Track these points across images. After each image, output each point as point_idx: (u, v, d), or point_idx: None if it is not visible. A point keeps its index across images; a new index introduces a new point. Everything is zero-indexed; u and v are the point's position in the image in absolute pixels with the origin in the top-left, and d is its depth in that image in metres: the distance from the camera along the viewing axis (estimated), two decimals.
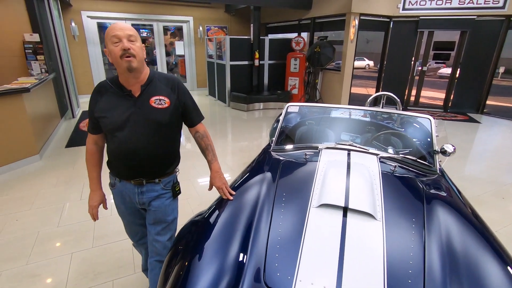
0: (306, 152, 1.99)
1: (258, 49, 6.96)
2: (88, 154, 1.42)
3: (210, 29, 8.96)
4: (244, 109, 6.75)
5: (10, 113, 3.36)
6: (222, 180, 1.51)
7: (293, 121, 2.82)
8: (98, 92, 1.32)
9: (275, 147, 2.28)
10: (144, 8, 8.06)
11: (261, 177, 1.86)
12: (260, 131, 5.27)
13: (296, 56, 7.12)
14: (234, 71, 7.02)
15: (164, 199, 1.45)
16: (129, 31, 1.20)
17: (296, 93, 7.31)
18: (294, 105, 2.54)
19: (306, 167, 1.88)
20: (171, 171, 1.46)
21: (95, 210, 1.47)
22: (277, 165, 1.96)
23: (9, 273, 1.96)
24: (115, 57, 1.19)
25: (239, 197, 1.62)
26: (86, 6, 7.43)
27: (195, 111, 1.47)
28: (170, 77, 1.40)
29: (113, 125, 1.28)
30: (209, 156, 1.51)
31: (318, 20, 7.10)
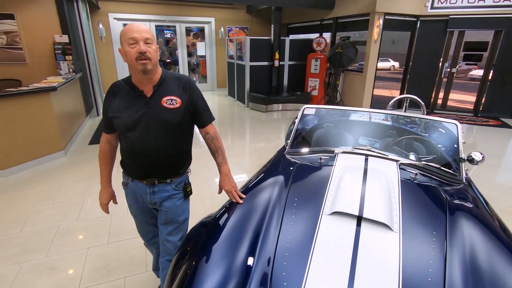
0: (321, 156, 1.92)
1: (278, 50, 6.91)
2: (101, 153, 1.45)
3: (231, 30, 9.01)
4: (263, 110, 6.72)
5: (38, 111, 3.53)
6: (231, 184, 1.49)
7: (310, 123, 2.75)
8: (111, 92, 1.34)
9: (290, 150, 2.23)
10: (168, 10, 8.24)
11: (273, 180, 1.82)
12: (278, 132, 5.22)
13: (317, 57, 7.00)
14: (253, 72, 7.01)
15: (176, 199, 1.44)
16: (146, 34, 1.21)
17: (316, 95, 7.18)
18: (311, 107, 2.47)
19: (321, 171, 1.82)
20: (182, 172, 1.45)
21: (105, 207, 1.50)
22: (291, 169, 1.91)
23: (29, 265, 2.04)
24: (130, 58, 1.20)
25: (249, 200, 1.59)
26: (113, 8, 7.70)
27: (206, 112, 1.45)
28: (181, 77, 1.39)
29: (125, 125, 1.29)
30: (218, 159, 1.49)
31: (341, 20, 6.94)
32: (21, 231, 2.40)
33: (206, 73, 9.47)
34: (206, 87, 9.54)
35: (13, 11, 4.78)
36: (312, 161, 1.98)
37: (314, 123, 2.76)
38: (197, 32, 9.13)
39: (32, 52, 5.04)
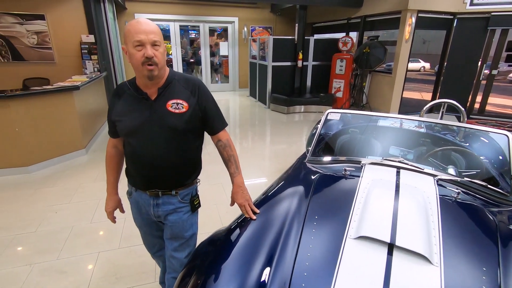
0: (346, 167, 1.73)
1: (302, 50, 6.70)
2: (107, 158, 1.36)
3: (255, 29, 8.89)
4: (284, 112, 6.54)
5: (61, 109, 3.58)
6: (245, 196, 1.34)
7: (333, 128, 2.54)
8: (116, 94, 1.24)
9: (312, 158, 2.05)
10: (192, 10, 8.26)
11: (292, 191, 1.66)
12: (300, 135, 5.02)
13: (343, 57, 6.71)
14: (276, 72, 6.84)
15: (182, 213, 1.32)
16: (153, 36, 1.08)
17: (341, 97, 6.89)
18: (335, 112, 2.27)
19: (345, 184, 1.63)
20: (189, 183, 1.33)
21: (110, 215, 1.41)
22: (312, 179, 1.74)
23: (40, 267, 2.01)
24: (136, 62, 1.09)
25: (265, 213, 1.44)
26: (139, 8, 7.83)
27: (217, 117, 1.31)
28: (190, 79, 1.27)
29: (127, 130, 1.19)
30: (231, 169, 1.35)
31: (369, 18, 6.60)
32: (36, 230, 2.40)
33: (228, 73, 9.42)
34: (228, 87, 9.49)
35: (44, 11, 4.94)
36: (335, 172, 1.79)
37: (338, 128, 2.56)
38: (221, 32, 9.10)
39: (61, 52, 5.19)
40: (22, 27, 4.91)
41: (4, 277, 1.92)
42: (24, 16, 4.87)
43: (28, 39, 4.99)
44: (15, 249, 2.18)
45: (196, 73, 9.42)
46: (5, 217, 2.55)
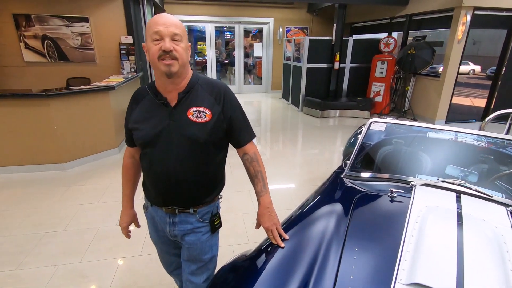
0: (392, 188, 1.48)
1: (339, 51, 6.36)
2: (124, 168, 1.25)
3: (290, 30, 8.68)
4: (318, 116, 6.25)
5: (97, 108, 3.67)
6: (272, 219, 1.16)
7: (374, 138, 2.27)
8: (134, 99, 1.13)
9: (350, 173, 1.82)
10: (228, 11, 8.25)
11: (328, 210, 1.46)
12: (334, 142, 4.72)
13: (384, 59, 6.26)
14: (310, 74, 6.58)
15: (200, 234, 1.17)
16: (174, 28, 0.96)
17: (380, 101, 6.44)
18: (380, 122, 2.01)
19: (392, 208, 1.39)
20: (210, 200, 1.18)
21: (125, 231, 1.30)
22: (351, 198, 1.52)
23: (64, 269, 1.99)
24: (153, 57, 0.97)
25: (297, 237, 1.26)
26: (177, 10, 7.98)
27: (244, 128, 1.15)
28: (215, 84, 1.12)
29: (143, 140, 1.06)
30: (258, 186, 1.18)
31: (416, 17, 6.10)
32: (65, 229, 2.42)
33: (262, 75, 9.30)
34: (260, 88, 9.37)
35: (88, 14, 5.15)
36: (379, 191, 1.55)
37: (379, 138, 2.28)
38: (256, 33, 9.00)
39: (101, 52, 5.38)
40: (68, 29, 5.17)
41: (29, 277, 1.92)
42: (70, 19, 5.12)
43: (72, 40, 5.24)
44: (43, 247, 2.20)
45: (230, 74, 9.42)
46: (38, 214, 2.61)
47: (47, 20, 5.08)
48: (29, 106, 3.21)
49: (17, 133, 3.26)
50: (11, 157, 3.34)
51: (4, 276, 1.92)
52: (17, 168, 3.39)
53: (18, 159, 3.37)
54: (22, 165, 3.39)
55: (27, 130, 3.27)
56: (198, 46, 8.99)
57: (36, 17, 5.03)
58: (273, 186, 3.20)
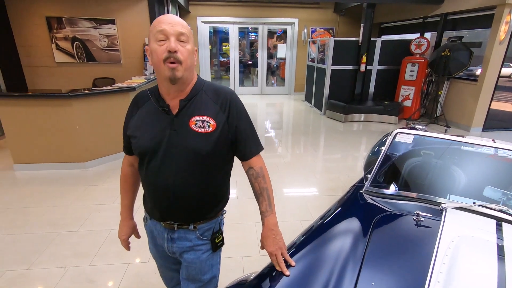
0: (419, 211, 1.30)
1: (366, 53, 6.07)
2: (122, 177, 1.18)
3: (315, 31, 8.45)
4: (341, 120, 6.00)
5: (118, 109, 3.71)
6: (277, 243, 1.04)
7: (400, 148, 2.08)
8: (135, 103, 1.05)
9: (371, 188, 1.65)
10: (253, 12, 8.18)
11: (344, 229, 1.32)
12: (357, 148, 4.48)
13: (415, 61, 5.89)
14: (335, 77, 6.34)
15: (200, 252, 1.08)
16: (180, 28, 0.87)
17: (409, 106, 6.07)
18: (407, 134, 1.82)
19: (418, 235, 1.22)
20: (212, 216, 1.08)
21: (124, 243, 1.24)
22: (371, 217, 1.36)
23: (73, 271, 1.99)
24: (157, 59, 0.88)
25: (307, 259, 1.14)
26: (202, 12, 8.03)
27: (251, 139, 1.04)
28: (222, 90, 1.01)
29: (142, 149, 0.98)
30: (263, 205, 1.06)
31: (451, 16, 5.68)
32: (78, 230, 2.43)
33: (285, 76, 9.15)
34: (283, 90, 9.22)
35: (115, 16, 5.29)
36: (403, 212, 1.38)
37: (406, 148, 2.08)
38: (281, 34, 8.86)
39: (126, 53, 5.51)
40: (95, 31, 5.33)
41: (39, 278, 1.93)
42: (98, 21, 5.28)
43: (100, 42, 5.40)
44: (56, 248, 2.22)
45: (252, 75, 9.35)
46: (55, 213, 2.66)
47: (77, 23, 5.27)
48: (54, 106, 3.31)
49: (43, 131, 3.37)
50: (36, 154, 3.46)
51: (16, 275, 1.95)
52: (41, 166, 3.50)
53: (42, 157, 3.48)
54: (45, 163, 3.50)
55: (51, 129, 3.37)
56: (223, 47, 9.01)
57: (67, 19, 5.24)
58: (289, 194, 3.07)
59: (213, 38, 8.89)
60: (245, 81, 9.40)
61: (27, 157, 3.47)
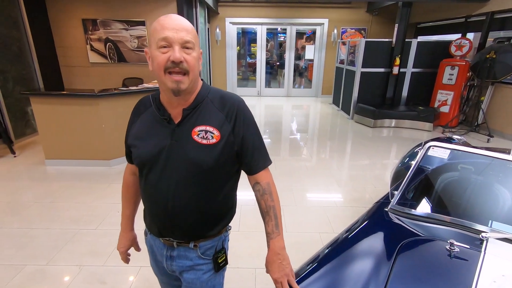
0: (453, 240, 1.13)
1: (400, 54, 5.73)
2: (124, 186, 1.14)
3: (346, 31, 8.15)
4: (370, 125, 5.70)
5: None
6: (283, 269, 0.93)
7: (434, 161, 1.86)
8: (136, 110, 1.00)
9: (397, 207, 1.48)
10: (281, 13, 8.07)
11: (365, 254, 1.18)
12: (386, 156, 4.21)
13: (455, 64, 5.45)
14: (364, 79, 6.04)
15: (201, 272, 1.00)
16: (185, 34, 0.79)
17: (447, 112, 5.63)
18: (441, 148, 1.63)
19: (451, 270, 1.04)
20: (214, 234, 0.99)
21: (123, 255, 1.18)
22: (396, 242, 1.21)
23: (86, 271, 2.00)
24: (157, 68, 0.81)
25: (320, 284, 1.03)
26: (230, 13, 8.05)
27: (258, 152, 0.94)
28: (228, 98, 0.93)
29: (140, 160, 0.92)
30: (269, 226, 0.95)
31: (498, 15, 5.18)
32: (97, 228, 2.47)
33: (312, 78, 8.93)
34: (310, 92, 9.00)
35: (145, 18, 5.42)
36: (435, 238, 1.21)
37: (441, 162, 1.87)
38: (311, 35, 8.65)
39: None
40: (127, 32, 5.50)
41: (55, 275, 1.97)
42: (129, 23, 5.44)
43: (130, 43, 5.56)
44: (74, 245, 2.26)
45: (279, 76, 9.22)
46: (77, 209, 2.73)
47: (110, 24, 5.47)
48: (83, 105, 3.43)
49: (72, 129, 3.50)
50: (65, 151, 3.61)
51: (35, 270, 2.00)
52: (69, 162, 3.65)
53: (71, 153, 3.62)
54: (73, 159, 3.64)
55: (80, 127, 3.50)
56: (251, 48, 8.98)
57: (101, 21, 5.45)
58: (309, 202, 2.92)
59: (241, 39, 8.88)
60: (272, 82, 9.29)
61: (57, 153, 3.63)
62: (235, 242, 2.30)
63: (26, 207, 2.75)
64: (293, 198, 2.99)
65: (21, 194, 2.99)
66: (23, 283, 1.90)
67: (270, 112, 7.13)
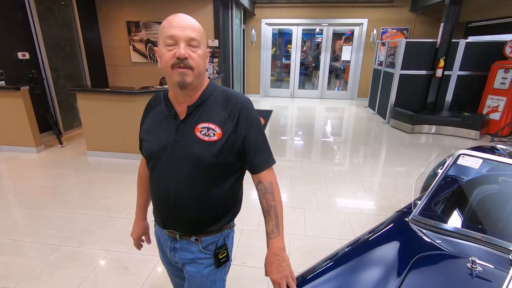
0: (476, 258, 1.02)
1: (445, 56, 5.33)
2: (138, 177, 1.21)
3: (386, 32, 7.77)
4: (408, 131, 5.37)
5: None
6: (282, 271, 0.91)
7: (470, 172, 1.71)
8: (148, 106, 1.06)
9: (420, 218, 1.39)
10: (318, 13, 7.93)
11: (374, 263, 1.13)
12: (422, 164, 3.94)
13: (509, 67, 4.94)
14: (403, 82, 5.72)
15: (202, 266, 1.02)
16: (190, 32, 0.83)
17: (497, 119, 5.12)
18: (473, 156, 1.49)
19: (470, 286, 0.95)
20: (216, 230, 1.01)
21: (135, 242, 1.26)
22: (411, 255, 1.13)
23: (112, 256, 2.14)
24: (165, 64, 0.85)
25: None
26: (267, 14, 8.09)
27: (260, 152, 0.94)
28: (233, 97, 0.94)
29: (148, 153, 0.97)
30: (269, 226, 0.95)
31: None
32: (125, 217, 2.63)
33: (348, 80, 8.65)
34: (345, 95, 8.73)
35: None
36: (457, 254, 1.11)
37: (478, 173, 1.71)
38: (350, 35, 8.39)
39: None
40: None
41: (86, 256, 2.13)
42: None
43: None
44: (104, 231, 2.43)
45: (314, 78, 9.07)
46: (110, 198, 2.93)
47: (151, 26, 5.79)
48: (121, 101, 3.67)
49: (111, 123, 3.77)
50: (105, 143, 3.90)
51: (68, 251, 2.18)
52: (108, 154, 3.92)
53: (109, 146, 3.90)
54: (111, 152, 3.91)
55: (118, 121, 3.75)
56: (288, 49, 8.94)
57: (143, 23, 5.79)
58: (333, 207, 2.83)
59: (278, 40, 8.88)
60: (306, 84, 9.17)
61: (98, 145, 3.93)
62: (252, 241, 2.32)
63: (67, 193, 3.02)
64: (316, 201, 2.93)
65: (64, 181, 3.28)
66: (57, 261, 2.08)
67: (302, 113, 7.04)
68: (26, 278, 1.93)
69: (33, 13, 4.26)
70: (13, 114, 3.89)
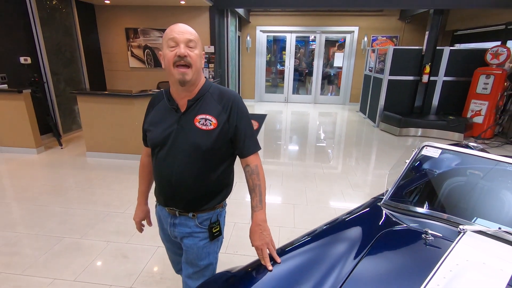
0: (428, 229, 1.21)
1: (431, 62, 5.59)
2: (140, 166, 1.38)
3: (377, 39, 8.06)
4: (396, 133, 5.60)
5: None
6: (264, 239, 1.09)
7: (442, 165, 1.91)
8: (152, 102, 1.23)
9: (390, 202, 1.57)
10: (311, 21, 8.21)
11: (343, 239, 1.30)
12: None
13: (490, 73, 5.21)
14: (392, 87, 5.96)
15: (198, 239, 1.19)
16: (189, 35, 1.02)
17: (480, 123, 5.37)
18: (434, 147, 1.69)
19: (421, 256, 1.13)
20: (210, 207, 1.18)
21: (137, 225, 1.42)
22: (375, 231, 1.31)
23: (112, 246, 2.29)
24: (168, 64, 1.03)
25: (295, 259, 1.16)
26: (261, 21, 8.35)
27: (248, 139, 1.12)
28: (226, 93, 1.12)
29: (153, 141, 1.15)
30: (254, 201, 1.12)
31: None
32: (124, 212, 2.77)
33: (340, 85, 8.90)
34: (337, 100, 8.97)
35: None
36: (415, 229, 1.29)
37: (449, 166, 1.90)
38: (343, 43, 8.67)
39: None
40: None
41: (87, 247, 2.27)
42: None
43: None
44: (104, 224, 2.57)
45: (307, 83, 9.31)
46: (110, 195, 3.08)
47: (149, 33, 5.99)
48: (120, 104, 3.83)
49: (110, 125, 3.92)
50: (103, 145, 4.04)
51: (71, 242, 2.32)
52: (107, 155, 4.07)
53: (108, 147, 4.04)
54: (110, 153, 4.05)
55: (117, 123, 3.91)
56: (283, 55, 9.18)
57: (142, 30, 5.99)
58: (321, 203, 3.00)
59: (273, 46, 9.13)
60: (300, 90, 9.40)
61: (97, 146, 4.07)
62: (244, 233, 2.47)
63: (68, 191, 3.15)
64: (306, 198, 3.10)
65: (64, 180, 3.42)
66: (61, 251, 2.22)
67: (295, 118, 7.25)
68: (32, 265, 2.06)
69: (36, 19, 4.44)
70: (15, 116, 4.02)
